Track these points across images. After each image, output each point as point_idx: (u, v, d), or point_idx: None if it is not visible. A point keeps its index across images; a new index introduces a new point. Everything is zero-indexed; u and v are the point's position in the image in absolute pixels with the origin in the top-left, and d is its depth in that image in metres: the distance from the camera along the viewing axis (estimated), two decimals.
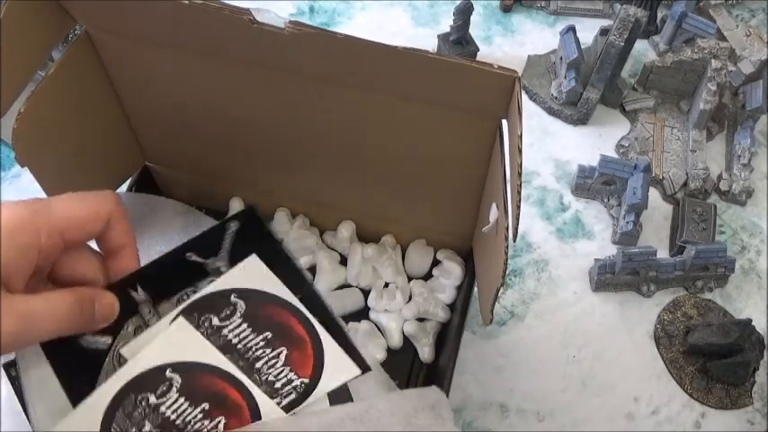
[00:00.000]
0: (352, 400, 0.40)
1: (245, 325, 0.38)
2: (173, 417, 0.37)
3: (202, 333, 0.38)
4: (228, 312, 0.38)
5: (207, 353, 0.38)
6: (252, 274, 0.39)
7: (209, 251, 0.39)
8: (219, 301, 0.38)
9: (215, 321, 0.38)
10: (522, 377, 0.70)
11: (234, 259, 0.39)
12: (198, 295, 0.38)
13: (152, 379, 0.38)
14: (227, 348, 0.38)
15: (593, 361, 0.71)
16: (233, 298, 0.39)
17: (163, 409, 0.37)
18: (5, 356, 0.38)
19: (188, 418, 0.37)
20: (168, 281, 0.39)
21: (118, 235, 0.39)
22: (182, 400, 0.38)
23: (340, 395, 0.40)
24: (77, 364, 0.37)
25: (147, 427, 0.37)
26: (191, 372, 0.38)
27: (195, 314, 0.38)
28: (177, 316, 0.38)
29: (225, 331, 0.38)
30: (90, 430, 0.36)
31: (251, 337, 0.38)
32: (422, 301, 0.63)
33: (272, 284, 0.39)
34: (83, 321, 0.36)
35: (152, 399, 0.37)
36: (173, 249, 0.39)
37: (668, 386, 0.71)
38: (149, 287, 0.39)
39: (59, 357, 0.37)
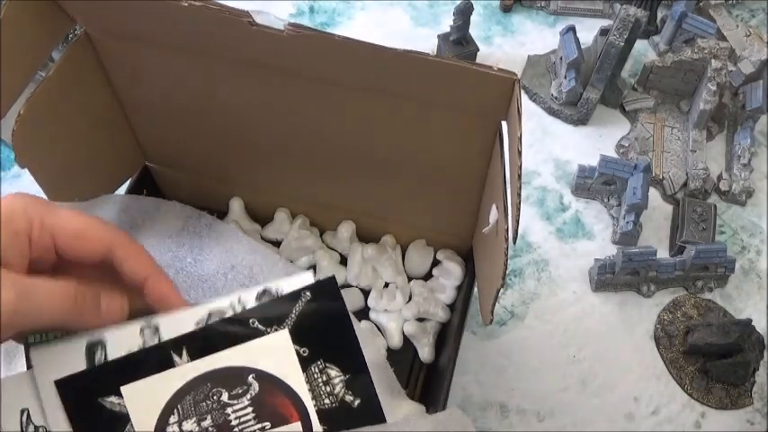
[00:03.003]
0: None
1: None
2: (234, 422, 0.37)
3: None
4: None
5: (292, 375, 0.37)
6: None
7: (275, 320, 0.37)
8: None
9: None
10: (523, 377, 0.70)
11: (297, 333, 0.37)
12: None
13: (234, 377, 0.37)
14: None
15: (593, 361, 0.71)
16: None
17: (229, 410, 0.37)
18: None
19: (246, 430, 0.37)
20: (217, 342, 0.37)
21: (132, 268, 0.37)
22: (249, 409, 0.37)
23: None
24: (99, 425, 0.36)
25: (208, 421, 0.37)
26: (270, 385, 0.37)
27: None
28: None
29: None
30: (159, 401, 0.36)
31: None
32: (422, 301, 0.63)
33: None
34: (83, 311, 0.35)
35: (224, 396, 0.37)
36: (237, 314, 0.37)
37: (668, 386, 0.71)
38: (194, 348, 0.37)
39: (81, 417, 0.36)
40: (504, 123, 0.47)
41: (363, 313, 0.65)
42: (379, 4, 0.96)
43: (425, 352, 0.63)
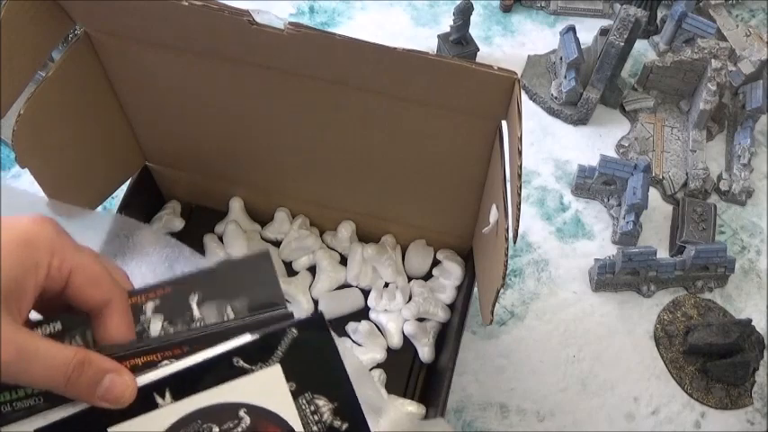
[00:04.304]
0: None
1: None
2: None
3: None
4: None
5: (284, 408, 0.37)
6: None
7: (259, 357, 0.37)
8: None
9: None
10: (523, 377, 0.70)
11: (284, 367, 0.37)
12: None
13: (224, 412, 0.37)
14: None
15: (593, 361, 0.71)
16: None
17: None
18: None
19: None
20: (200, 382, 0.37)
21: (115, 328, 0.36)
22: None
23: None
24: None
25: None
26: (261, 419, 0.37)
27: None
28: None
29: None
30: None
31: None
32: (422, 301, 0.63)
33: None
34: (77, 387, 0.34)
35: (215, 430, 0.37)
36: (219, 354, 0.37)
37: (668, 386, 0.71)
38: (178, 389, 0.36)
39: None
40: (504, 123, 0.47)
41: (363, 313, 0.65)
42: (379, 4, 0.96)
43: (425, 352, 0.63)
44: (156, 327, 0.38)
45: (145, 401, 0.36)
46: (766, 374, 0.71)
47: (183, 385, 0.37)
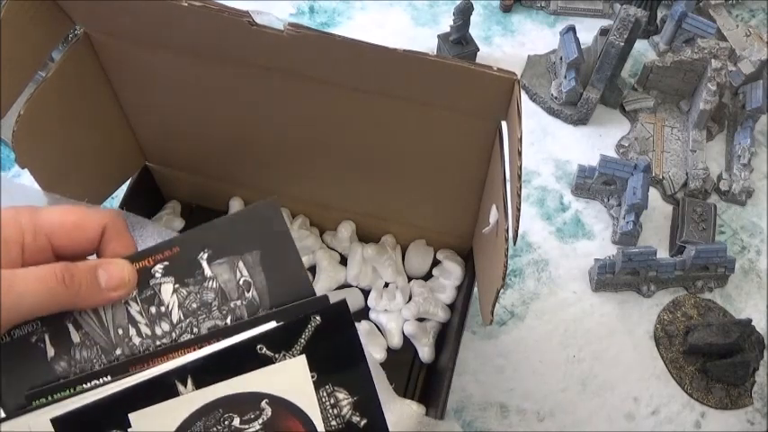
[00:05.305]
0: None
1: None
2: None
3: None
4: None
5: (305, 400, 0.37)
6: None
7: (283, 345, 0.36)
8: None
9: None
10: (522, 377, 0.70)
11: (307, 356, 0.37)
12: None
13: (246, 402, 0.36)
14: None
15: (593, 361, 0.71)
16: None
17: None
18: None
19: None
20: (223, 370, 0.36)
21: (114, 249, 0.37)
22: None
23: None
24: None
25: None
26: (282, 410, 0.37)
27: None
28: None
29: None
30: (167, 428, 0.35)
31: None
32: (422, 301, 0.63)
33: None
34: (78, 289, 0.34)
35: (236, 421, 0.36)
36: (243, 341, 0.36)
37: (668, 386, 0.71)
38: (200, 378, 0.36)
39: None
40: (504, 123, 0.47)
41: (363, 313, 0.65)
42: (379, 4, 0.96)
43: (425, 352, 0.63)
44: (167, 290, 0.37)
45: (166, 389, 0.36)
46: (766, 374, 0.71)
47: (205, 373, 0.36)
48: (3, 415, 0.35)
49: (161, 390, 0.35)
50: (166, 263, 0.38)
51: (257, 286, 0.38)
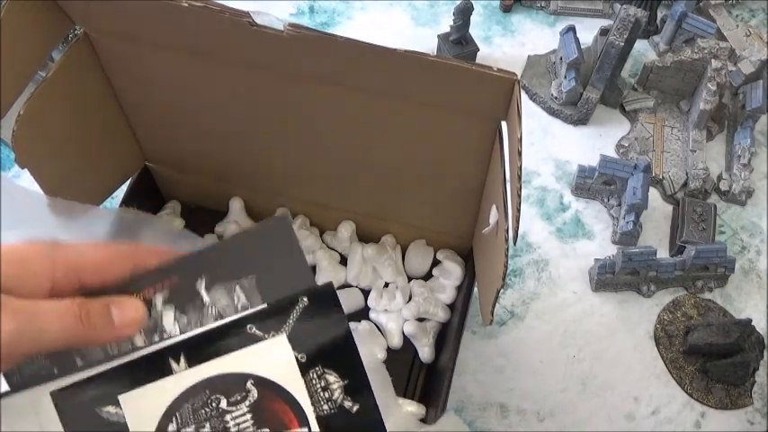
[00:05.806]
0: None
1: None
2: (233, 429, 0.37)
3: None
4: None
5: (291, 382, 0.37)
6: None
7: (272, 326, 0.37)
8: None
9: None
10: (522, 377, 0.70)
11: (294, 338, 0.37)
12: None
13: (232, 383, 0.36)
14: None
15: (593, 361, 0.71)
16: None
17: (228, 417, 0.37)
18: None
19: None
20: (214, 348, 0.37)
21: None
22: (248, 416, 0.37)
23: None
24: None
25: (207, 428, 0.36)
26: (269, 391, 0.37)
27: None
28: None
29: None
30: (157, 409, 0.36)
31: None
32: (422, 301, 0.63)
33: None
34: (93, 327, 0.35)
35: (223, 403, 0.36)
36: (235, 319, 0.37)
37: (668, 386, 0.71)
38: (192, 354, 0.37)
39: (78, 429, 0.35)
40: (504, 124, 0.47)
41: (363, 313, 0.65)
42: (379, 4, 0.96)
43: (425, 352, 0.63)
44: (168, 318, 0.38)
45: (160, 366, 0.36)
46: (766, 374, 0.71)
47: (197, 350, 0.36)
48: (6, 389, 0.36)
49: (155, 365, 0.36)
50: (166, 292, 0.38)
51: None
